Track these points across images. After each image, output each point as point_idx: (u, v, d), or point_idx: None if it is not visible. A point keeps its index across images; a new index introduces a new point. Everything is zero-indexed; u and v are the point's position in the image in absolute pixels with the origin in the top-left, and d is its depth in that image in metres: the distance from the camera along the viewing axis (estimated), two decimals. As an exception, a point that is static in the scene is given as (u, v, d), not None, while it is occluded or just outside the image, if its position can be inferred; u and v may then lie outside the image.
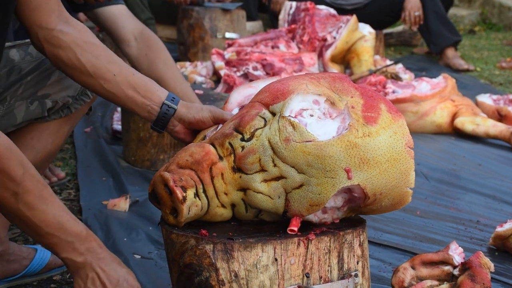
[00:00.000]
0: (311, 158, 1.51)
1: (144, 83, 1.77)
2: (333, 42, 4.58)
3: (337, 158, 1.50)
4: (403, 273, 1.99)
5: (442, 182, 3.15)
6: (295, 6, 5.01)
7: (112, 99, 1.77)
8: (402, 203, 1.63)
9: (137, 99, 1.75)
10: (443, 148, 3.62)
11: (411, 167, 1.57)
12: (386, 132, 1.55)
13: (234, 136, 1.61)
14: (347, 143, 1.51)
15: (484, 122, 3.75)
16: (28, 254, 2.16)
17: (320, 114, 1.59)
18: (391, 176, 1.55)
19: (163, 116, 1.77)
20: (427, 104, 3.82)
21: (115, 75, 1.74)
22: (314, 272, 1.57)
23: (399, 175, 1.56)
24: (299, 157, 1.52)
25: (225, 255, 1.53)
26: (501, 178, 3.21)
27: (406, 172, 1.57)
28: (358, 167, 1.52)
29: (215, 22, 5.24)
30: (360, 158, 1.51)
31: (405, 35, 6.67)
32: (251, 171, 1.57)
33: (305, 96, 1.60)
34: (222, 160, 1.61)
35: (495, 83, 5.33)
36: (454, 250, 2.01)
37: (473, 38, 7.18)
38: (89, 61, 1.73)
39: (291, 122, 1.54)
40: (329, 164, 1.50)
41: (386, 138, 1.54)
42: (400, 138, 1.56)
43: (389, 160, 1.54)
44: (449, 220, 2.72)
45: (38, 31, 1.73)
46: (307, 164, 1.51)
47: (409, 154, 1.56)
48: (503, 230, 2.39)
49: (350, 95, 1.60)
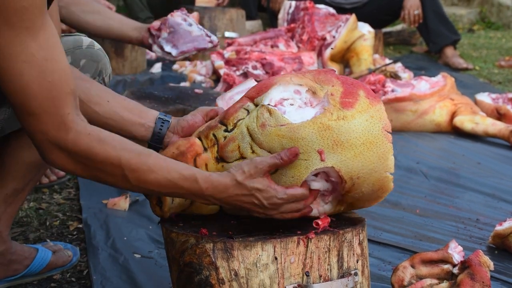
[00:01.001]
0: (285, 141, 1.53)
1: (135, 105, 1.82)
2: (332, 41, 4.58)
3: (309, 140, 1.52)
4: (402, 272, 1.99)
5: (442, 180, 3.15)
6: (295, 5, 5.02)
7: (107, 125, 1.78)
8: (384, 189, 1.62)
9: (134, 120, 1.78)
10: (442, 147, 3.62)
11: (389, 151, 1.57)
12: (362, 116, 1.55)
13: (218, 127, 1.65)
14: (320, 125, 1.52)
15: (483, 120, 3.76)
16: (30, 253, 2.17)
17: (301, 103, 1.61)
18: (367, 160, 1.55)
19: (159, 131, 1.79)
20: (426, 103, 3.83)
21: (108, 101, 1.77)
22: (314, 270, 1.57)
23: (377, 158, 1.56)
24: (274, 141, 1.54)
25: (225, 253, 1.53)
26: (500, 176, 3.22)
27: (384, 156, 1.57)
28: (331, 149, 1.53)
29: (215, 21, 5.24)
30: (334, 140, 1.52)
31: (404, 34, 6.67)
32: (232, 159, 1.61)
33: (286, 86, 1.62)
34: (206, 151, 1.65)
35: (494, 81, 5.34)
36: (454, 249, 2.01)
37: (472, 37, 7.18)
38: (82, 92, 1.74)
39: (268, 109, 1.57)
40: (302, 146, 1.52)
41: (362, 121, 1.55)
42: (376, 122, 1.56)
43: (364, 143, 1.54)
44: (448, 218, 2.72)
45: None
46: (281, 147, 1.54)
47: (387, 137, 1.56)
48: (503, 229, 2.39)
49: (331, 85, 1.61)
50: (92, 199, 2.80)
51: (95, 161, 1.47)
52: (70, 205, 2.80)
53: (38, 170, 2.04)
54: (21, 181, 2.01)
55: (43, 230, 2.57)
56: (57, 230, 2.58)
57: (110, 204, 2.74)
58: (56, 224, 2.62)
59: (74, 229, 2.59)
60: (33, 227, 2.59)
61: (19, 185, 2.01)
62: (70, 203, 2.83)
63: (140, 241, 2.46)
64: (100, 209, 2.70)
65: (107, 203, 2.75)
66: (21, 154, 1.98)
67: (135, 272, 2.23)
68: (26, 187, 2.04)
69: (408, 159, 3.38)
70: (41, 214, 2.70)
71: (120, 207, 2.72)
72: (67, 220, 2.67)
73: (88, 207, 2.72)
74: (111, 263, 2.29)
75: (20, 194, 2.04)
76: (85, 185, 2.94)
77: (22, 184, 2.02)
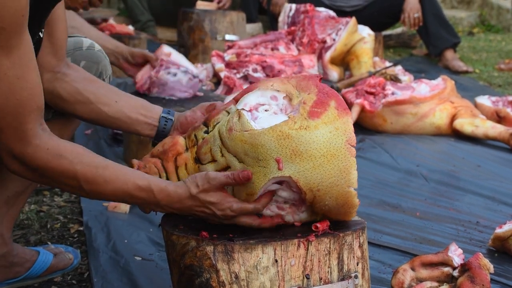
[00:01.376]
0: (247, 147, 1.54)
1: (141, 103, 1.90)
2: (332, 44, 4.59)
3: (268, 148, 1.52)
4: (402, 275, 2.00)
5: (442, 183, 3.16)
6: (295, 8, 5.02)
7: (115, 124, 1.88)
8: (349, 205, 1.58)
9: (140, 119, 1.87)
10: (442, 150, 3.62)
11: (352, 166, 1.54)
12: (327, 127, 1.53)
13: (200, 128, 1.68)
14: (279, 133, 1.52)
15: (483, 123, 3.76)
16: (31, 256, 2.17)
17: (276, 109, 1.61)
18: (327, 172, 1.53)
19: (163, 130, 1.87)
20: (426, 105, 3.83)
21: (116, 101, 1.86)
22: (314, 273, 1.57)
23: (338, 172, 1.53)
24: (238, 146, 1.55)
25: (225, 256, 1.53)
26: (500, 179, 3.22)
27: (346, 170, 1.54)
28: (289, 159, 1.52)
29: (215, 24, 5.24)
30: (292, 150, 1.51)
31: (404, 37, 6.68)
32: (205, 161, 1.63)
33: (264, 91, 1.63)
34: (187, 151, 1.68)
35: (494, 84, 5.34)
36: (454, 252, 2.01)
37: (472, 40, 7.19)
38: (92, 93, 1.85)
39: (238, 113, 1.58)
40: (261, 153, 1.52)
41: (325, 133, 1.52)
42: (340, 135, 1.53)
43: (325, 155, 1.52)
44: (448, 221, 2.73)
45: (42, 71, 1.78)
46: (244, 153, 1.54)
47: (350, 151, 1.54)
48: (503, 232, 2.39)
49: (308, 92, 1.60)
50: (93, 202, 2.80)
51: (51, 174, 1.53)
52: (71, 208, 2.81)
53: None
54: (22, 183, 2.01)
55: (44, 232, 2.58)
56: (58, 232, 2.58)
57: (110, 207, 2.74)
58: (57, 227, 2.63)
59: (75, 232, 2.59)
60: (34, 230, 2.59)
61: (20, 187, 2.02)
62: (71, 205, 2.83)
63: (140, 243, 2.46)
64: (101, 211, 2.71)
65: (108, 206, 2.75)
66: None
67: (136, 274, 2.24)
68: (27, 189, 2.04)
69: (408, 162, 3.38)
70: (42, 217, 2.70)
71: (121, 209, 2.73)
72: (68, 222, 2.67)
73: (89, 209, 2.72)
74: (111, 266, 2.29)
75: (21, 196, 2.05)
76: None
77: (23, 186, 2.02)
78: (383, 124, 3.89)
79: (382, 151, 3.53)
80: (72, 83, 1.85)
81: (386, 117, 3.86)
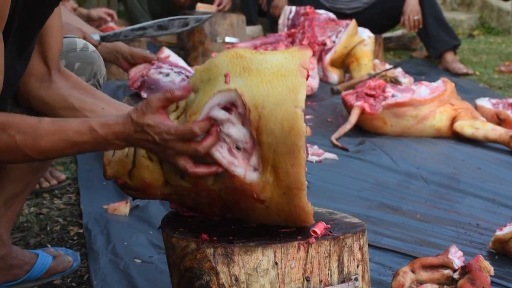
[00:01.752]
0: (203, 74, 1.56)
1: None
2: (332, 47, 4.59)
3: (220, 66, 1.54)
4: (403, 277, 1.99)
5: (442, 185, 3.15)
6: (295, 10, 5.02)
7: None
8: (295, 130, 1.47)
9: None
10: (442, 152, 3.62)
11: (301, 86, 1.49)
12: (283, 54, 1.56)
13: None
14: (234, 54, 1.54)
15: (484, 125, 3.75)
16: (30, 259, 2.16)
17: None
18: (274, 89, 1.49)
19: None
20: (427, 108, 3.83)
21: (103, 108, 1.81)
22: (314, 276, 1.57)
23: (286, 90, 1.49)
24: (196, 77, 1.57)
25: (225, 259, 1.53)
26: (500, 181, 3.22)
27: (295, 90, 1.49)
28: (238, 74, 1.52)
29: (215, 26, 5.24)
30: (243, 67, 1.53)
31: (404, 39, 6.67)
32: (169, 112, 1.58)
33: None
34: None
35: (494, 87, 5.34)
36: (454, 254, 2.01)
37: (472, 42, 7.19)
38: (77, 99, 1.80)
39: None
40: (213, 73, 1.54)
41: (279, 57, 1.55)
42: (295, 59, 1.54)
43: (274, 73, 1.51)
44: (448, 223, 2.72)
45: (30, 78, 1.79)
46: (200, 80, 1.56)
47: (301, 72, 1.51)
48: (503, 234, 2.39)
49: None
50: (93, 204, 2.81)
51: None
52: (70, 210, 2.81)
53: (37, 173, 2.04)
54: (20, 184, 2.01)
55: (44, 235, 2.57)
56: (58, 235, 2.58)
57: (110, 209, 2.74)
58: (56, 229, 2.63)
59: (74, 234, 2.59)
60: (33, 233, 2.59)
61: (19, 188, 2.02)
62: (70, 208, 2.83)
63: (140, 246, 2.46)
64: (101, 214, 2.70)
65: (108, 208, 2.75)
66: None
67: (136, 277, 2.23)
68: (26, 189, 2.04)
69: (408, 164, 3.37)
70: (41, 219, 2.70)
71: (121, 212, 2.72)
72: (68, 225, 2.67)
73: (89, 212, 2.72)
74: (111, 268, 2.29)
75: (20, 197, 2.04)
76: (85, 191, 2.94)
77: (22, 186, 2.02)
78: (383, 127, 3.89)
79: (382, 153, 3.53)
80: (58, 90, 1.83)
81: (386, 119, 3.86)
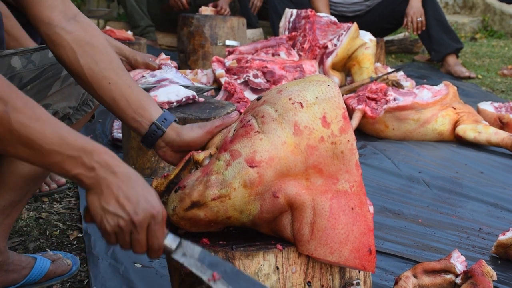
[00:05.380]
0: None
1: (138, 97, 1.70)
2: (334, 50, 4.58)
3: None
4: (405, 282, 1.98)
5: (444, 190, 3.14)
6: (296, 13, 5.01)
7: (105, 105, 1.71)
8: None
9: (128, 113, 1.68)
10: (444, 156, 3.61)
11: None
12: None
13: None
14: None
15: (486, 129, 3.74)
16: (28, 263, 2.15)
17: None
18: None
19: (151, 136, 1.69)
20: (429, 111, 3.82)
21: (110, 83, 1.68)
22: (316, 280, 1.56)
23: None
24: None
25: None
26: (503, 186, 3.21)
27: None
28: None
29: (216, 29, 5.24)
30: None
31: (406, 42, 6.67)
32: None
33: None
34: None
35: (496, 90, 5.33)
36: (456, 259, 2.00)
37: (475, 45, 7.19)
38: (87, 64, 1.67)
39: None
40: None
41: None
42: None
43: None
44: (451, 228, 2.71)
45: (40, 26, 1.68)
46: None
47: None
48: (506, 239, 2.38)
49: None
50: (93, 208, 2.79)
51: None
52: (70, 215, 2.79)
53: (35, 182, 2.03)
54: (18, 193, 2.00)
55: (43, 239, 2.56)
56: (57, 239, 2.57)
57: (110, 213, 2.72)
58: (56, 234, 2.61)
59: (74, 239, 2.58)
60: (33, 237, 2.58)
61: (16, 197, 2.00)
62: (70, 212, 2.82)
63: (140, 250, 2.45)
64: (101, 218, 2.69)
65: (108, 212, 2.73)
66: (18, 166, 1.97)
67: (136, 282, 2.22)
68: (23, 198, 2.03)
69: (410, 168, 3.36)
70: (41, 224, 2.69)
71: (121, 216, 2.71)
72: (67, 229, 2.66)
73: (89, 216, 2.71)
74: (111, 273, 2.28)
75: (18, 206, 2.03)
76: (85, 195, 2.93)
77: (19, 195, 2.00)
78: (385, 130, 3.88)
79: (384, 157, 3.52)
80: (72, 46, 1.68)
81: (388, 123, 3.85)
